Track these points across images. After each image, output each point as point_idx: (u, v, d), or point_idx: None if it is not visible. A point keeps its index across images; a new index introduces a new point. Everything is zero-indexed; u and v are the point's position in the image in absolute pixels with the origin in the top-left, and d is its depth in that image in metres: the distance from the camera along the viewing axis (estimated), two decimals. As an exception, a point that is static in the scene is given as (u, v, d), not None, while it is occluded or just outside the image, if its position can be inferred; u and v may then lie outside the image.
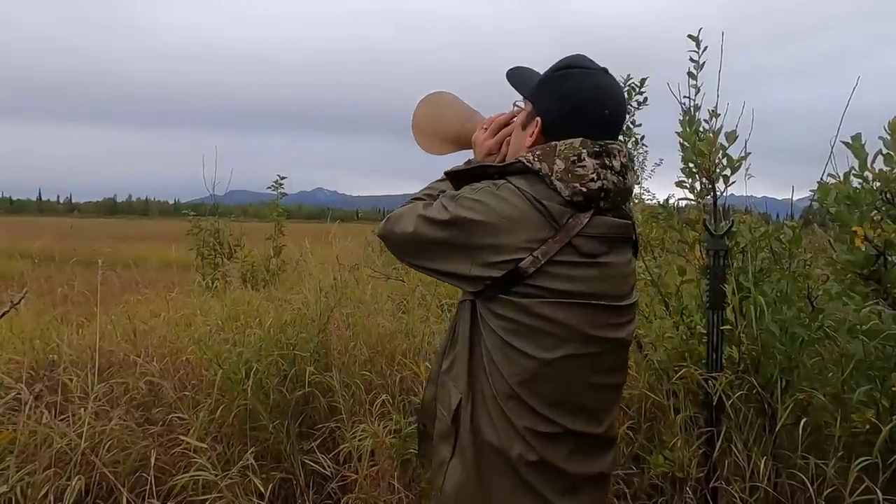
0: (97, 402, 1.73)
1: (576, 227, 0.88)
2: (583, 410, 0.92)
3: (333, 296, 2.38)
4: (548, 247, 0.87)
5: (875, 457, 1.34)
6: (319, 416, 2.06)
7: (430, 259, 0.95)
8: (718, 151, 1.82)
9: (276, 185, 5.26)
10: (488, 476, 0.93)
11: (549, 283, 0.87)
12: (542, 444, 0.90)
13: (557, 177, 0.88)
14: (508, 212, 0.89)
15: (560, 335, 0.89)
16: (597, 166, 0.88)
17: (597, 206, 0.89)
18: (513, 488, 0.91)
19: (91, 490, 1.54)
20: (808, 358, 1.69)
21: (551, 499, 0.91)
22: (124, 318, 2.44)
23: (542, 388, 0.90)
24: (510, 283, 0.88)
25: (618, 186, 0.90)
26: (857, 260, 1.23)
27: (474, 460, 0.93)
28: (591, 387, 0.92)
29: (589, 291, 0.89)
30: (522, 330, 0.89)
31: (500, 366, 0.90)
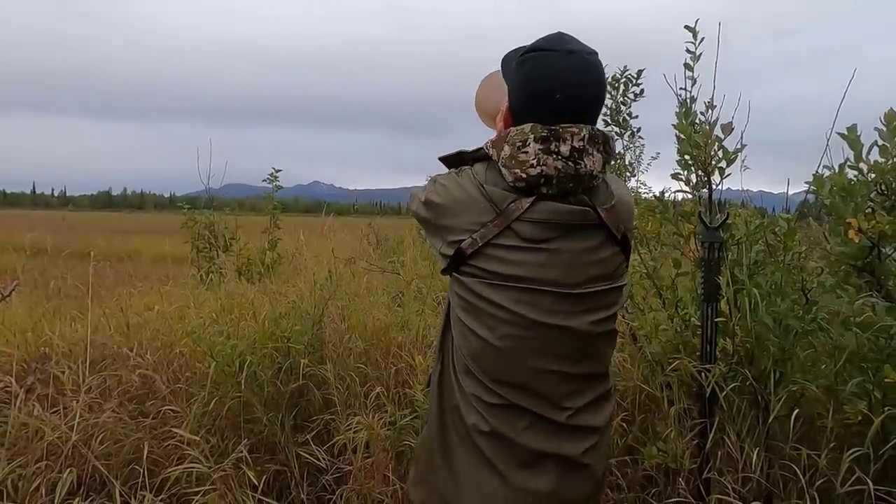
0: (89, 394, 1.72)
1: (516, 212, 0.90)
2: (532, 393, 0.94)
3: (328, 288, 2.37)
4: (486, 230, 0.91)
5: (867, 448, 1.35)
6: (314, 408, 2.06)
7: (427, 235, 1.04)
8: (714, 144, 1.82)
9: (271, 178, 5.24)
10: (452, 443, 0.98)
11: (486, 264, 0.91)
12: (492, 415, 0.94)
13: (503, 163, 0.91)
14: (460, 196, 0.94)
15: (502, 317, 0.91)
16: (539, 152, 0.88)
17: (539, 192, 0.90)
18: (472, 459, 0.96)
19: (83, 483, 1.53)
20: (802, 350, 1.69)
21: (507, 473, 0.94)
22: (118, 310, 2.43)
23: (487, 366, 0.94)
24: (459, 262, 0.94)
25: (563, 172, 0.88)
26: (850, 252, 1.23)
27: (438, 419, 1.00)
28: (535, 371, 0.93)
29: (529, 276, 0.91)
30: (470, 308, 0.94)
31: (457, 340, 0.97)
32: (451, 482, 0.98)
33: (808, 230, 2.26)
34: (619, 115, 2.63)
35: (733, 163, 1.82)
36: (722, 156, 1.82)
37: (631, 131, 2.65)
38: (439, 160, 1.05)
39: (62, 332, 2.21)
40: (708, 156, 1.83)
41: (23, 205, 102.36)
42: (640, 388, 1.86)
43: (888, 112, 1.38)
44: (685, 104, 1.95)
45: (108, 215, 38.38)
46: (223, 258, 3.98)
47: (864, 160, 1.27)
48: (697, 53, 1.96)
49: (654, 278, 2.11)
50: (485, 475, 0.95)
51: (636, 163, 3.81)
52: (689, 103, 1.96)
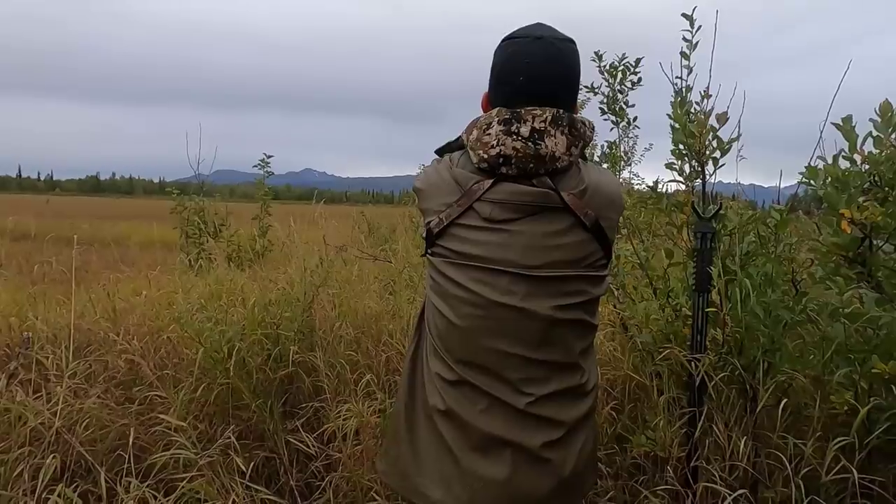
0: (74, 380, 1.69)
1: (478, 192, 0.93)
2: (492, 375, 0.95)
3: (319, 275, 2.35)
4: (451, 210, 0.95)
5: (852, 437, 1.36)
6: (303, 395, 2.05)
7: None
8: (709, 133, 1.81)
9: (262, 164, 5.18)
10: (417, 420, 1.01)
11: (451, 243, 0.95)
12: (450, 394, 0.96)
13: (470, 145, 0.95)
14: (434, 179, 0.99)
15: (462, 297, 0.94)
16: (500, 133, 0.91)
17: (501, 173, 0.93)
18: (432, 437, 0.98)
19: (68, 468, 1.51)
20: (790, 341, 1.71)
21: (460, 455, 0.95)
22: (104, 295, 2.39)
23: (451, 345, 0.97)
24: (430, 243, 0.98)
25: (522, 152, 0.91)
26: (843, 243, 1.23)
27: (406, 392, 1.04)
28: (494, 352, 0.94)
29: (488, 256, 0.93)
30: (437, 288, 0.98)
31: (427, 320, 1.01)
32: (411, 457, 1.01)
33: (798, 223, 2.27)
34: (615, 105, 2.61)
35: (727, 153, 1.81)
36: (716, 146, 1.82)
37: (627, 121, 2.63)
38: (436, 153, 1.08)
39: (46, 317, 2.18)
40: (702, 145, 1.83)
41: (8, 189, 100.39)
42: (630, 377, 1.87)
43: (883, 103, 1.37)
44: (681, 93, 1.93)
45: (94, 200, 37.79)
46: (212, 244, 3.93)
47: (859, 151, 1.26)
48: (694, 42, 1.94)
49: (646, 268, 2.12)
50: (441, 455, 0.97)
51: (630, 153, 3.80)
52: (684, 92, 1.95)
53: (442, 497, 0.96)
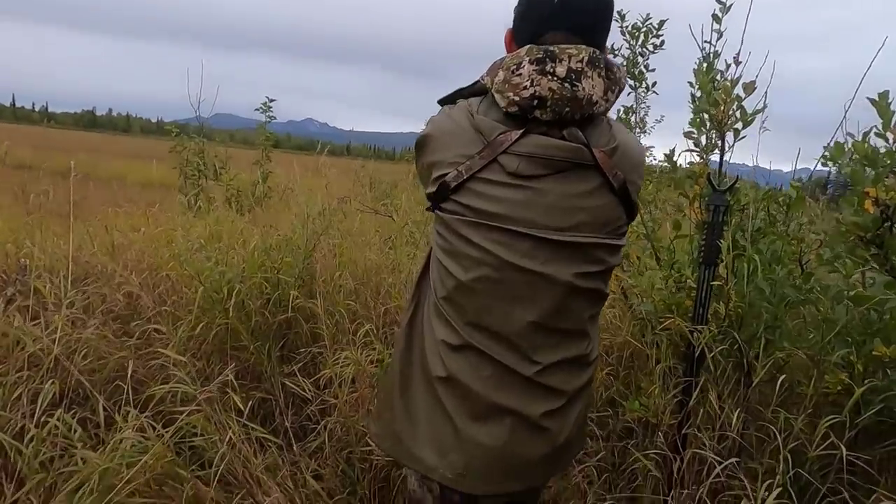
0: (71, 309, 1.68)
1: (504, 144, 0.84)
2: (502, 341, 0.91)
3: (321, 223, 2.31)
4: (472, 162, 0.86)
5: (844, 416, 1.38)
6: (301, 341, 2.06)
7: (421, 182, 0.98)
8: (734, 103, 1.75)
9: (264, 108, 5.04)
10: (413, 383, 0.97)
11: (470, 200, 0.87)
12: (454, 359, 0.91)
13: (496, 88, 0.85)
14: (448, 127, 0.89)
15: (477, 257, 0.88)
16: (533, 73, 0.82)
17: (534, 119, 0.85)
18: (429, 402, 0.94)
19: (66, 396, 1.52)
20: (791, 319, 1.71)
21: (459, 423, 0.91)
22: (102, 229, 2.35)
23: (460, 308, 0.91)
24: (442, 198, 0.90)
25: (558, 94, 0.82)
26: (863, 222, 1.21)
27: (403, 356, 0.98)
28: (507, 317, 0.89)
29: (509, 215, 0.86)
30: (448, 248, 0.91)
31: (433, 278, 0.94)
32: (406, 421, 0.97)
33: (807, 207, 2.24)
34: (635, 68, 2.52)
35: (750, 124, 1.76)
36: (739, 116, 1.76)
37: (646, 85, 2.55)
38: (438, 103, 0.99)
39: (44, 246, 2.14)
40: (725, 115, 1.77)
41: (3, 117, 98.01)
42: (628, 344, 1.88)
43: (921, 81, 1.31)
44: (707, 58, 1.86)
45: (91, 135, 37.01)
46: (212, 184, 3.87)
47: (892, 129, 1.22)
48: (728, 4, 1.85)
49: (651, 239, 2.10)
50: (437, 419, 0.93)
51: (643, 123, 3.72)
52: (711, 58, 1.87)
53: (436, 463, 0.94)
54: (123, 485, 1.14)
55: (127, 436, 1.18)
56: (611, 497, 1.56)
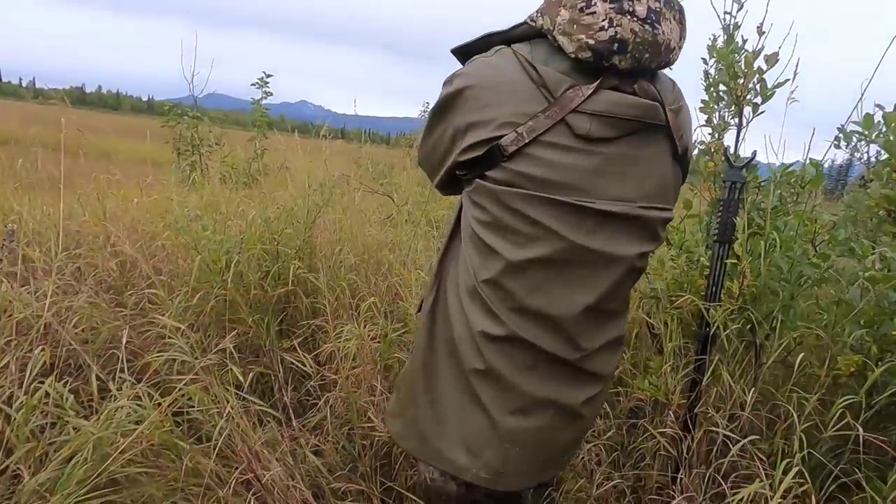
0: (62, 277, 1.61)
1: (574, 101, 0.71)
2: (551, 326, 0.79)
3: (322, 196, 2.25)
4: (536, 122, 0.71)
5: (861, 397, 1.35)
6: (301, 315, 2.00)
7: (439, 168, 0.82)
8: (754, 75, 1.69)
9: (260, 84, 4.92)
10: (440, 378, 0.86)
11: (530, 167, 0.73)
12: (492, 351, 0.81)
13: (560, 30, 0.71)
14: (494, 80, 0.73)
15: (534, 234, 0.76)
16: (610, 11, 0.69)
17: (610, 68, 0.71)
18: (460, 397, 0.84)
19: (57, 365, 1.46)
20: (805, 300, 1.68)
21: (497, 417, 0.82)
22: (94, 197, 2.27)
23: (505, 292, 0.79)
24: (489, 165, 0.75)
25: (640, 37, 0.69)
26: (892, 195, 1.16)
27: (426, 348, 0.88)
28: (560, 300, 0.79)
29: (578, 185, 0.73)
30: (494, 224, 0.77)
31: (470, 258, 0.81)
32: (432, 418, 0.88)
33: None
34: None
35: (770, 98, 1.70)
36: (759, 90, 1.70)
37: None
38: (454, 53, 0.83)
39: (32, 214, 2.06)
40: (745, 88, 1.71)
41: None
42: (635, 322, 1.84)
43: (956, 52, 1.26)
44: (728, 29, 1.79)
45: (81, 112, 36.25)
46: (207, 154, 3.77)
47: (927, 99, 1.17)
48: (749, -26, 1.78)
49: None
50: (472, 415, 0.84)
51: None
52: (731, 29, 1.80)
53: (468, 463, 0.85)
54: (118, 454, 1.08)
55: (122, 404, 1.13)
56: (618, 475, 1.53)
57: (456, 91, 0.76)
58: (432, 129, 0.82)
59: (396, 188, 4.15)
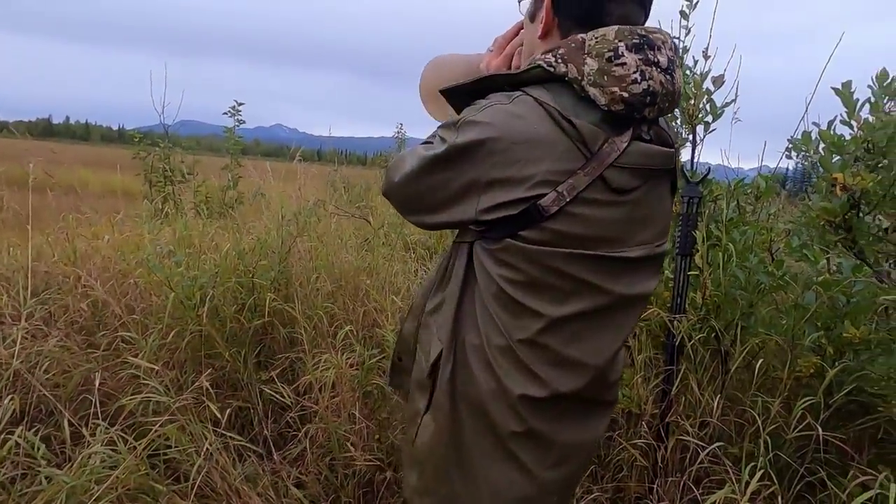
0: (31, 322, 1.59)
1: (611, 156, 0.69)
2: (588, 372, 0.79)
3: (296, 225, 2.26)
4: (576, 180, 0.68)
5: (818, 398, 1.42)
6: (279, 346, 2.00)
7: (435, 209, 0.76)
8: (703, 96, 1.79)
9: (232, 112, 4.92)
10: (467, 439, 0.81)
11: (570, 226, 0.70)
12: (534, 413, 0.77)
13: (590, 80, 0.68)
14: (525, 134, 0.68)
15: (570, 289, 0.73)
16: (639, 62, 0.67)
17: (639, 119, 0.71)
18: (494, 456, 0.80)
19: (27, 413, 1.43)
20: (765, 306, 1.76)
21: (537, 472, 0.80)
22: (63, 237, 2.24)
23: (544, 349, 0.75)
24: (523, 224, 0.70)
25: (665, 88, 0.69)
26: (832, 208, 1.25)
27: (450, 419, 0.81)
28: (597, 347, 0.78)
29: (609, 237, 0.73)
30: (527, 283, 0.73)
31: (499, 318, 0.75)
32: (470, 491, 0.82)
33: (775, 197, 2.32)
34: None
35: (720, 117, 1.80)
36: (710, 109, 1.80)
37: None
38: (443, 94, 0.79)
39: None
40: (696, 108, 1.81)
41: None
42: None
43: (880, 72, 1.37)
44: (677, 53, 1.89)
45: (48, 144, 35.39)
46: (181, 188, 3.75)
47: (856, 117, 1.26)
48: (694, 1, 1.89)
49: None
50: (512, 478, 0.81)
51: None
52: (681, 53, 1.91)
53: None
54: (93, 503, 1.07)
55: (96, 450, 1.12)
56: (597, 488, 1.57)
57: (475, 141, 0.69)
58: (431, 172, 0.74)
59: (373, 210, 4.19)
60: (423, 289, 0.90)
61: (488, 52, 0.93)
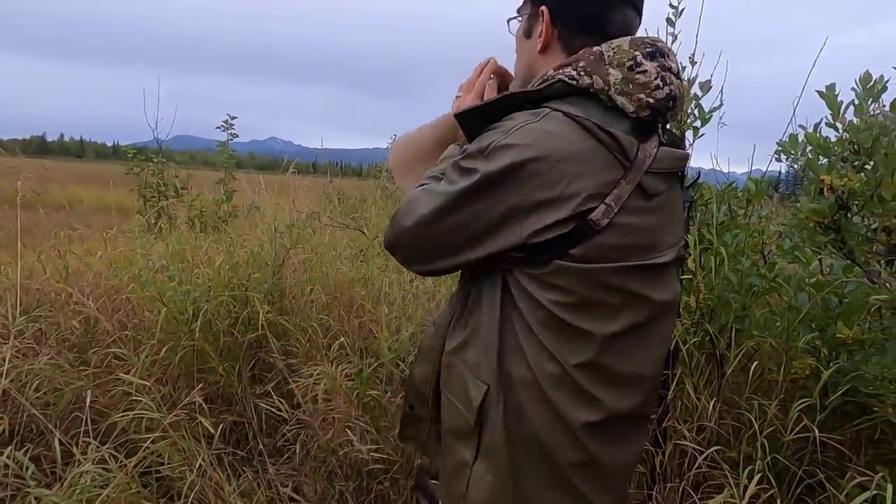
0: (21, 340, 1.58)
1: (646, 162, 0.70)
2: (641, 387, 0.77)
3: (289, 237, 2.26)
4: (620, 190, 0.68)
5: (814, 399, 1.42)
6: (273, 359, 1.99)
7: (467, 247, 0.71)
8: (691, 102, 1.81)
9: (225, 126, 4.93)
10: (526, 480, 0.76)
11: (617, 238, 0.69)
12: (595, 440, 0.74)
13: (617, 90, 0.69)
14: (567, 149, 0.66)
15: (620, 304, 0.72)
16: (658, 69, 0.69)
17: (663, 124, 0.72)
18: (552, 493, 0.76)
19: (17, 433, 1.42)
20: (758, 309, 1.76)
21: (595, 499, 0.77)
22: (54, 255, 2.23)
23: (601, 369, 0.73)
24: (574, 242, 0.68)
25: (680, 92, 0.72)
26: (820, 209, 1.26)
27: (509, 463, 0.75)
28: (645, 359, 0.76)
29: (652, 243, 0.73)
30: (579, 303, 0.70)
31: (550, 345, 0.72)
32: None
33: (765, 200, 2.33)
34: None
35: (708, 122, 1.82)
36: (698, 114, 1.82)
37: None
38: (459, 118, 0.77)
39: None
40: (684, 114, 1.82)
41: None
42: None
43: (863, 75, 1.39)
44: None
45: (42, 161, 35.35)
46: (174, 202, 3.74)
47: (840, 119, 1.28)
48: (680, 9, 1.92)
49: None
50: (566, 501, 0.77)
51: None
52: (669, 60, 1.93)
53: None
54: (84, 523, 1.06)
55: (86, 469, 1.10)
56: (596, 497, 1.55)
57: (514, 165, 0.67)
58: (459, 207, 0.70)
59: (367, 221, 4.19)
60: (436, 328, 0.84)
61: (456, 98, 0.92)
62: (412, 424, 0.92)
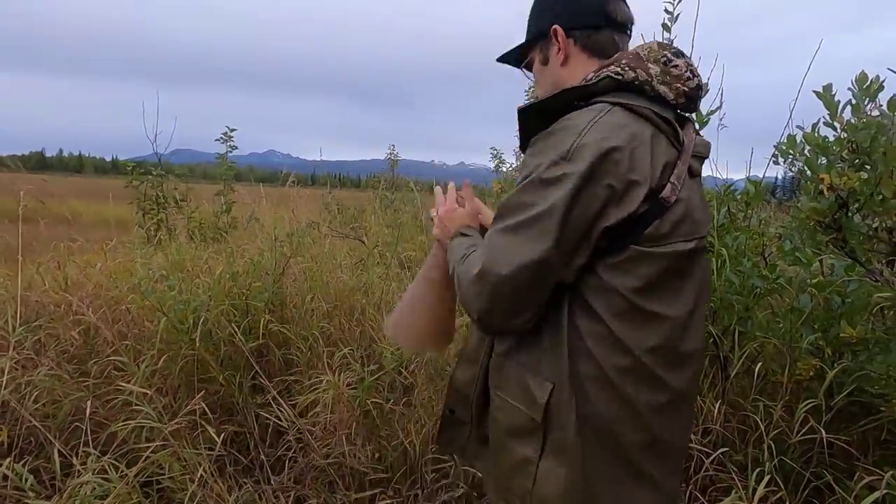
0: (21, 351, 1.56)
1: (691, 144, 0.79)
2: (693, 364, 0.81)
3: (290, 246, 2.26)
4: (678, 170, 0.75)
5: (819, 399, 1.41)
6: (274, 369, 1.97)
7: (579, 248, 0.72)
8: (689, 105, 1.81)
9: (224, 139, 4.95)
10: (596, 472, 0.77)
11: (681, 214, 0.74)
12: (658, 418, 0.77)
13: (659, 80, 0.77)
14: (635, 138, 0.72)
15: (680, 285, 0.77)
16: (685, 64, 0.80)
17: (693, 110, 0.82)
18: (624, 479, 0.77)
19: (16, 445, 1.40)
20: (761, 310, 1.76)
21: (661, 481, 0.79)
22: (54, 266, 2.23)
23: (669, 352, 0.76)
24: (647, 222, 0.72)
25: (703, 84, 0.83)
26: (820, 208, 1.26)
27: (581, 457, 0.76)
28: (698, 335, 0.81)
29: (701, 221, 0.80)
30: (651, 287, 0.73)
31: (624, 337, 0.74)
32: None
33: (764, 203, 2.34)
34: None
35: (706, 125, 1.82)
36: (696, 117, 1.82)
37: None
38: (520, 111, 0.81)
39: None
40: (682, 117, 1.83)
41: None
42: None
43: (860, 75, 1.40)
44: (661, 65, 1.93)
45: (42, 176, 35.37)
46: (174, 213, 3.74)
47: (838, 119, 1.29)
48: (676, 14, 1.94)
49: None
50: (638, 492, 0.78)
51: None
52: (665, 64, 1.94)
53: None
54: (84, 534, 1.04)
55: (86, 479, 1.09)
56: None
57: (598, 157, 0.70)
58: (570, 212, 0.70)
59: (366, 231, 4.19)
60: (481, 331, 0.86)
61: (429, 219, 0.98)
62: (451, 428, 0.93)
